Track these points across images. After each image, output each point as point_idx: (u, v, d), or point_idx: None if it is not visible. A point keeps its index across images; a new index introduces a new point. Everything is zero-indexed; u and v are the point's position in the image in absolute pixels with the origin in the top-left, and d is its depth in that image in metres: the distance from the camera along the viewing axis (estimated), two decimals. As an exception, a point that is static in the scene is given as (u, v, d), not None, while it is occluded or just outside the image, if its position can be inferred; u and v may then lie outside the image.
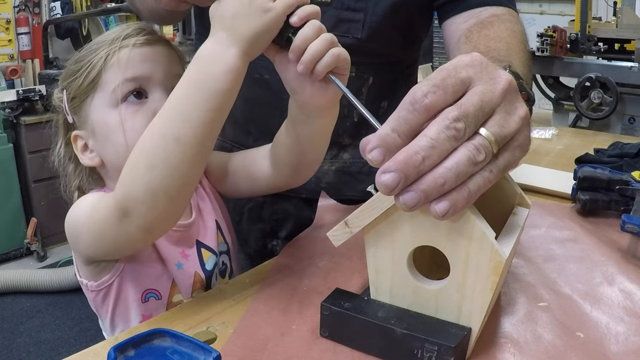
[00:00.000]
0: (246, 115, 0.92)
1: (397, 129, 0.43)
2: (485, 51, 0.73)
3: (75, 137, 0.71)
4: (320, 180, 0.92)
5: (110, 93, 0.66)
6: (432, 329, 0.49)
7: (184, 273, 0.69)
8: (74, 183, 0.74)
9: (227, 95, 0.55)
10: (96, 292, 0.67)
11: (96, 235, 0.61)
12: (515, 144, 0.46)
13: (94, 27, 3.40)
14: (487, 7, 0.84)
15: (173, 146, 0.54)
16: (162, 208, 0.56)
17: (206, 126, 0.54)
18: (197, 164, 0.56)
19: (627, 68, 1.96)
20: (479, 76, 0.45)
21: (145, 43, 0.68)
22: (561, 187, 0.93)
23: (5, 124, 2.79)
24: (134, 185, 0.55)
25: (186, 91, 0.55)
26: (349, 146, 0.92)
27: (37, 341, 2.26)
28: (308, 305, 0.59)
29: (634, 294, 0.61)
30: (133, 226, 0.56)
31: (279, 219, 0.96)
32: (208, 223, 0.74)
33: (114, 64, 0.67)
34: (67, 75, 0.70)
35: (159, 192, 0.55)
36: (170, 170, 0.54)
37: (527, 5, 3.08)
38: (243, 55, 0.54)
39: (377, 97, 0.90)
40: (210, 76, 0.54)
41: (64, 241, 3.00)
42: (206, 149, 0.57)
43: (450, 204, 0.43)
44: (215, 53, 0.54)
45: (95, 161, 0.69)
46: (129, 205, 0.56)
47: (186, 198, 0.59)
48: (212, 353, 0.45)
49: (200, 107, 0.54)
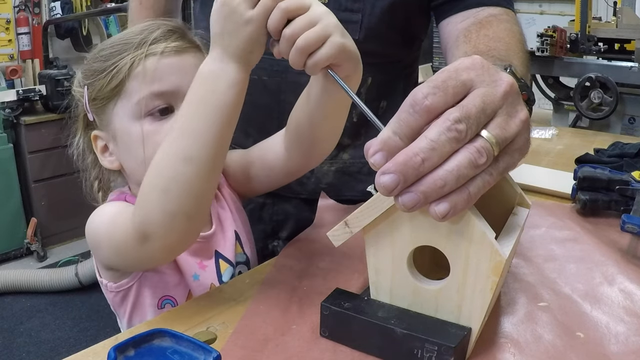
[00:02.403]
0: (244, 117, 0.92)
1: (398, 132, 0.43)
2: (486, 51, 0.73)
3: (96, 137, 0.70)
4: (320, 180, 0.92)
5: (134, 104, 0.65)
6: (432, 329, 0.49)
7: (199, 284, 0.69)
8: (93, 174, 0.74)
9: (233, 108, 0.55)
10: (115, 292, 0.68)
11: (116, 252, 0.62)
12: (515, 147, 0.46)
13: (94, 27, 3.40)
14: (484, 7, 0.84)
15: (185, 166, 0.54)
16: (181, 229, 0.56)
17: (216, 142, 0.55)
18: (210, 180, 0.56)
19: (627, 68, 1.96)
20: (481, 78, 0.45)
21: (174, 52, 0.66)
22: (561, 187, 0.93)
23: (5, 124, 2.78)
24: (151, 209, 0.56)
25: (193, 109, 0.55)
26: (348, 147, 0.92)
27: (37, 341, 2.26)
28: (308, 305, 0.59)
29: (634, 294, 0.61)
30: (154, 249, 0.57)
31: (280, 220, 0.96)
32: (227, 234, 0.74)
33: (139, 74, 0.65)
34: (89, 73, 0.69)
35: (177, 214, 0.55)
36: (185, 191, 0.55)
37: (527, 5, 3.08)
38: (242, 67, 0.54)
39: (376, 97, 0.90)
40: (215, 92, 0.54)
41: (64, 241, 3.01)
42: (218, 164, 0.57)
43: (450, 205, 0.43)
44: (216, 70, 0.55)
45: (115, 165, 0.69)
46: (147, 230, 0.56)
47: (204, 213, 0.59)
48: (212, 353, 0.45)
49: (208, 124, 0.54)
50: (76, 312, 2.47)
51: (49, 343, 2.25)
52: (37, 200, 2.92)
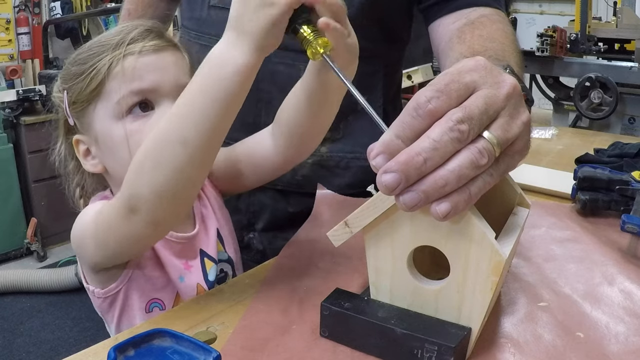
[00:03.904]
0: None
1: (401, 135, 0.43)
2: (482, 51, 0.73)
3: (77, 141, 0.70)
4: (296, 172, 0.91)
5: (114, 104, 0.65)
6: (432, 329, 0.49)
7: (186, 286, 0.68)
8: (75, 181, 0.73)
9: (236, 97, 0.54)
10: (102, 298, 0.67)
11: (100, 239, 0.61)
12: (516, 149, 0.46)
13: (94, 27, 3.40)
14: (475, 7, 0.84)
15: (179, 149, 0.53)
16: (166, 207, 0.56)
17: (214, 129, 0.54)
18: (203, 166, 0.56)
19: (627, 68, 1.97)
20: (484, 80, 0.45)
21: (152, 50, 0.66)
22: (561, 187, 0.93)
23: (5, 124, 2.79)
24: (140, 185, 0.55)
25: (194, 93, 0.54)
26: (327, 140, 0.90)
27: (37, 341, 2.26)
28: (308, 305, 0.59)
29: (634, 294, 0.61)
30: (140, 222, 0.56)
31: (255, 211, 0.95)
32: (210, 232, 0.74)
33: (117, 74, 0.64)
34: (68, 77, 0.68)
35: (165, 193, 0.55)
36: (176, 172, 0.54)
37: (527, 5, 3.08)
38: (255, 50, 0.52)
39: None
40: (220, 79, 0.53)
41: (64, 241, 3.01)
42: (213, 150, 0.56)
43: (451, 205, 0.43)
44: (225, 53, 0.53)
45: (98, 168, 0.69)
46: (134, 203, 0.56)
47: (191, 197, 0.59)
48: (212, 353, 0.45)
49: (208, 111, 0.53)
50: (76, 312, 2.47)
51: (49, 343, 2.25)
52: (37, 200, 2.92)
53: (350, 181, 0.93)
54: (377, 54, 0.92)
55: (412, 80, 2.96)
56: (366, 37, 0.56)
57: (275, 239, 0.94)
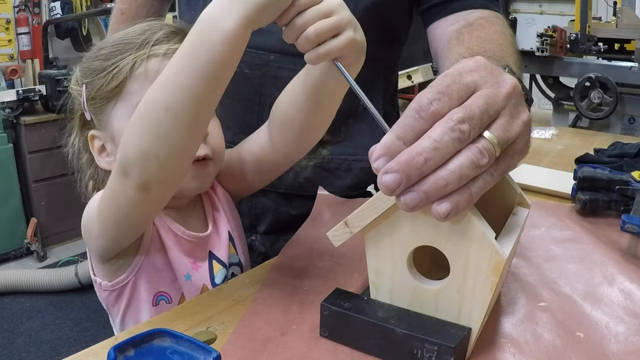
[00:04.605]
0: (225, 110, 0.92)
1: (403, 137, 0.43)
2: (481, 52, 0.73)
3: (93, 136, 0.69)
4: (298, 175, 0.91)
5: (134, 105, 0.63)
6: (432, 329, 0.49)
7: (191, 285, 0.68)
8: (88, 174, 0.73)
9: (223, 67, 0.52)
10: (110, 291, 0.67)
11: (101, 215, 0.60)
12: (516, 149, 0.46)
13: (94, 27, 3.40)
14: (474, 9, 0.84)
15: (163, 114, 0.52)
16: (153, 171, 0.55)
17: (199, 96, 0.52)
18: (188, 133, 0.54)
19: (627, 68, 1.97)
20: (484, 80, 0.45)
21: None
22: (561, 187, 0.93)
23: (5, 124, 2.78)
24: (129, 147, 0.55)
25: (181, 60, 0.52)
26: (327, 143, 0.91)
27: (37, 341, 2.26)
28: (308, 305, 0.59)
29: (634, 294, 0.61)
30: (131, 185, 0.56)
31: (258, 214, 0.95)
32: (222, 234, 0.73)
33: (140, 75, 0.64)
34: (88, 71, 0.68)
35: (150, 156, 0.54)
36: (159, 136, 0.53)
37: (527, 5, 3.08)
38: (245, 22, 0.49)
39: (355, 94, 0.90)
40: (206, 45, 0.50)
41: (64, 241, 3.01)
42: (200, 118, 0.55)
43: (452, 205, 0.43)
44: (216, 17, 0.50)
45: (113, 166, 0.69)
46: (126, 165, 0.55)
47: (178, 166, 0.57)
48: (212, 353, 0.45)
49: (193, 77, 0.51)
50: (76, 312, 2.47)
51: (49, 343, 2.25)
52: (37, 200, 2.92)
53: (352, 183, 0.94)
54: (379, 57, 0.92)
55: (412, 80, 2.96)
56: (368, 41, 0.56)
57: (277, 241, 0.95)
